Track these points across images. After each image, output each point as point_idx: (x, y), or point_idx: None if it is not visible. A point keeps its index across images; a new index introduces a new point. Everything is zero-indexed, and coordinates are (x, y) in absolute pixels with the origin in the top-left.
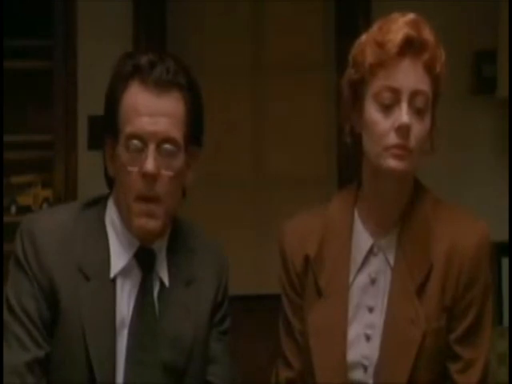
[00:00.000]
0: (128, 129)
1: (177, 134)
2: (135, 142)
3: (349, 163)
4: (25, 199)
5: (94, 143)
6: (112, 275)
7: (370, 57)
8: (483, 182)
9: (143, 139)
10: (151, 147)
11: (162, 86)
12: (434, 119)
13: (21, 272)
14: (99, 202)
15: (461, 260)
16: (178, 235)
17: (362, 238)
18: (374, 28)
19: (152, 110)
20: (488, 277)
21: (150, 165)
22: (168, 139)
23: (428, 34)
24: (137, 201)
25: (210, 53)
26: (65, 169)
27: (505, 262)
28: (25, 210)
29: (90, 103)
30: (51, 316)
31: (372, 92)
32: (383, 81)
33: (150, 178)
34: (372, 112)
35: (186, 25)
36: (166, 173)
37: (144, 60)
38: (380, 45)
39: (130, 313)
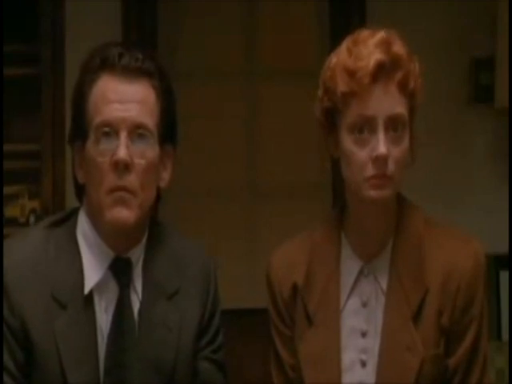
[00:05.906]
0: (98, 119)
1: (149, 120)
2: (106, 129)
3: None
4: (11, 211)
5: None
6: (86, 291)
7: (341, 86)
8: (481, 191)
9: (114, 126)
10: (123, 135)
11: (130, 73)
12: (412, 132)
13: None
14: (69, 219)
15: (457, 283)
16: (155, 242)
17: (352, 261)
18: (343, 49)
19: (122, 97)
20: (484, 297)
21: (121, 152)
22: (140, 125)
23: (399, 50)
24: (109, 193)
25: (202, 57)
26: (52, 179)
27: (503, 274)
28: (11, 221)
29: None
30: (26, 357)
31: (346, 122)
32: (357, 110)
33: (123, 167)
34: (348, 144)
35: (178, 30)
36: (139, 161)
37: (112, 52)
38: (351, 73)
39: (107, 331)
